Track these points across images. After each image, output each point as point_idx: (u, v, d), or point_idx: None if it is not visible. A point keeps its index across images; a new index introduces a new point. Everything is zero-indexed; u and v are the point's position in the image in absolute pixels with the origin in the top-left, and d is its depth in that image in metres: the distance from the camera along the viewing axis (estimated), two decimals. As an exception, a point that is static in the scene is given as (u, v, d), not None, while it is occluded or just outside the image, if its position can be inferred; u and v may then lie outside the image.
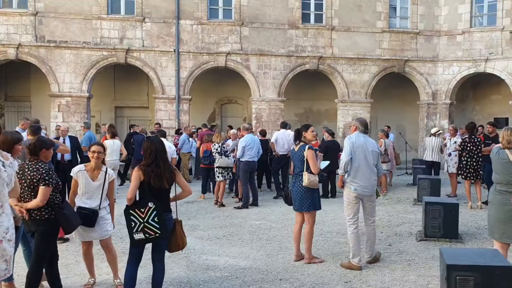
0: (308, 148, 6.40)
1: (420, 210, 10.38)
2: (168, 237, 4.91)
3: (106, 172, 5.53)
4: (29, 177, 4.72)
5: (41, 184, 4.67)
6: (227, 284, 5.70)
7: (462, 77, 19.53)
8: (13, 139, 4.66)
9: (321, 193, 9.49)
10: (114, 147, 11.24)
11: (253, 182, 11.22)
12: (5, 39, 17.18)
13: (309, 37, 19.32)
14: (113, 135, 11.62)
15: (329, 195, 12.33)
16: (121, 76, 20.80)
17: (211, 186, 12.61)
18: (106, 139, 11.59)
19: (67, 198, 5.76)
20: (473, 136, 10.63)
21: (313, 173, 6.37)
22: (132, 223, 4.75)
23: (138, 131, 14.45)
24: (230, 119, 22.22)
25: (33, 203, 4.68)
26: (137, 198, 4.84)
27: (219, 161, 10.97)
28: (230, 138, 12.73)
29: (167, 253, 5.08)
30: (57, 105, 17.72)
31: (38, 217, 4.74)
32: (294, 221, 9.31)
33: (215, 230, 8.59)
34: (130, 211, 4.76)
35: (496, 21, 18.76)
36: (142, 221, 4.73)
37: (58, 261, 5.13)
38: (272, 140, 12.64)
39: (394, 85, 21.07)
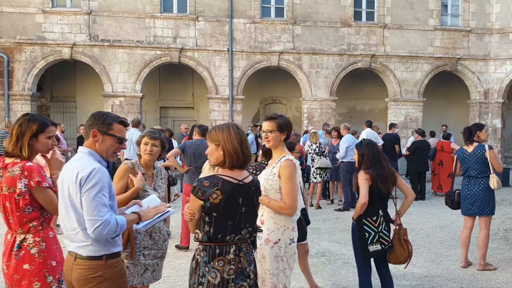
0: (490, 148, 6.08)
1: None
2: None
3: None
4: None
5: None
6: (430, 294, 5.38)
7: (515, 75, 19.29)
8: None
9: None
10: None
11: (352, 184, 10.88)
12: (59, 39, 16.73)
13: (361, 35, 19.00)
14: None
15: (418, 196, 11.99)
16: (166, 76, 20.40)
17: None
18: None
19: None
20: None
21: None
22: (366, 233, 4.42)
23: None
24: (274, 119, 21.83)
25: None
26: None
27: (319, 161, 10.58)
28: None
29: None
30: (110, 105, 17.29)
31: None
32: (412, 225, 9.08)
33: (341, 234, 8.25)
34: (363, 220, 4.42)
35: (553, 19, 18.54)
36: (376, 230, 4.42)
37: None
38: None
39: (439, 83, 20.73)
